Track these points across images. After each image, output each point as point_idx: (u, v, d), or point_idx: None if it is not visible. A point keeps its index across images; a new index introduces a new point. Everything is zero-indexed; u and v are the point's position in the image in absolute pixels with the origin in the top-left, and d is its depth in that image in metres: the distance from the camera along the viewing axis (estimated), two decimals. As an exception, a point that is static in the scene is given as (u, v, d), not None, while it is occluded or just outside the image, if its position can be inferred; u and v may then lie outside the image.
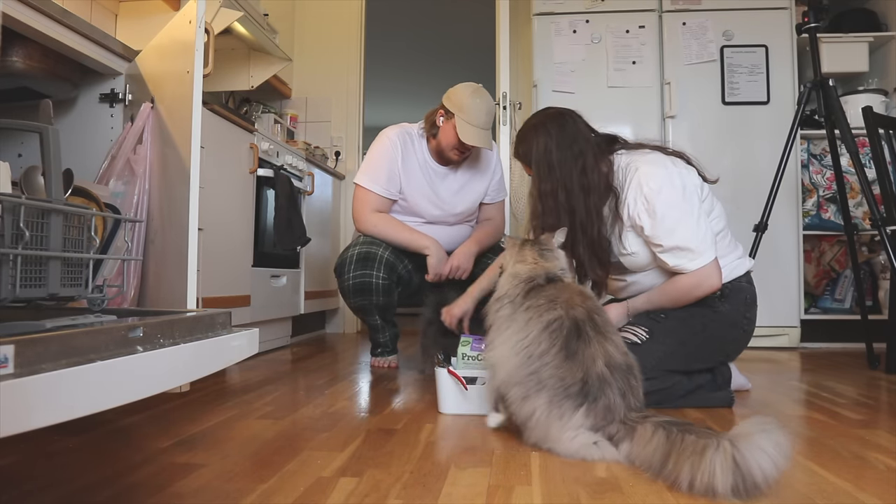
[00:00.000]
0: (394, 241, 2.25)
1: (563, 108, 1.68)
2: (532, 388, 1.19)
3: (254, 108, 3.56)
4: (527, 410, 1.20)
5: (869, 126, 2.34)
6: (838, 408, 1.65)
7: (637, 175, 1.54)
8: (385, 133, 2.31)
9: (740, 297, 1.65)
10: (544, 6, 3.24)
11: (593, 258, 1.57)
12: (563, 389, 1.16)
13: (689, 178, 1.58)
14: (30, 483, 1.03)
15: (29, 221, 1.01)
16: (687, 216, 1.52)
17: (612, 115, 3.18)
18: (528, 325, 1.25)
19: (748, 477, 0.93)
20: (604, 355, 1.19)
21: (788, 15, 3.14)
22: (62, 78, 1.84)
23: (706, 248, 1.52)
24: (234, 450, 1.23)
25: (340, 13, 4.01)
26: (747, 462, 0.93)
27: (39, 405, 0.61)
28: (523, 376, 1.20)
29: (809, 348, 3.05)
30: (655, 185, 1.52)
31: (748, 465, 0.93)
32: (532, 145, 1.60)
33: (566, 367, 1.18)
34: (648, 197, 1.52)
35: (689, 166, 1.64)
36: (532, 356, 1.20)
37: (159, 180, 1.70)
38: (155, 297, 1.64)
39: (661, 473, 1.03)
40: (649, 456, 1.07)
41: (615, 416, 1.16)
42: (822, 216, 3.20)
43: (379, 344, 2.38)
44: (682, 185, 1.54)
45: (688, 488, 0.97)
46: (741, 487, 0.93)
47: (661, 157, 1.60)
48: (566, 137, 1.57)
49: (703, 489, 0.95)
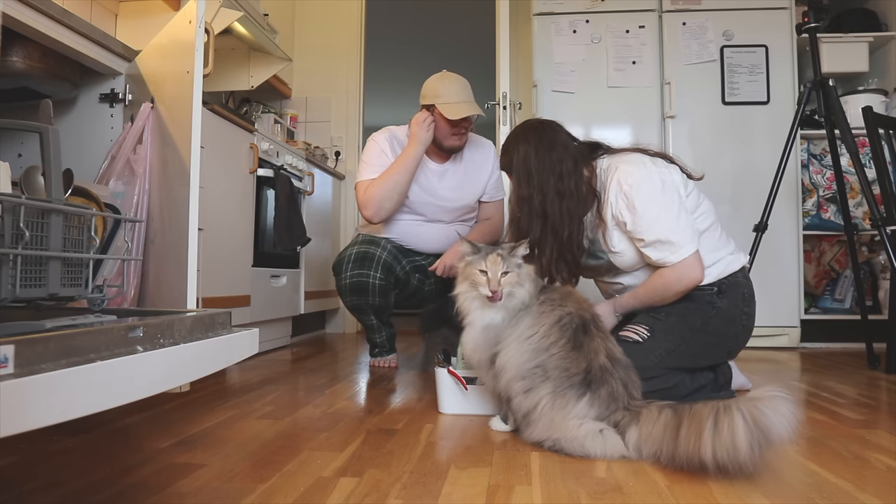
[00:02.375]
0: (396, 185, 2.21)
1: (545, 119, 1.75)
2: (537, 379, 1.22)
3: (254, 108, 3.56)
4: (529, 403, 1.22)
5: (869, 126, 2.34)
6: (838, 408, 1.65)
7: (617, 174, 1.60)
8: (371, 137, 2.38)
9: (738, 292, 1.67)
10: (544, 6, 3.24)
11: (560, 260, 1.62)
12: (567, 379, 1.20)
13: (668, 175, 1.62)
14: (30, 483, 1.03)
15: (29, 221, 1.01)
16: (666, 210, 1.56)
17: (612, 115, 3.19)
18: (541, 318, 1.28)
19: (766, 435, 0.98)
20: (605, 350, 1.25)
21: (788, 15, 3.14)
22: (62, 78, 1.84)
23: (687, 240, 1.56)
24: (234, 450, 1.23)
25: (340, 13, 4.01)
26: (767, 420, 0.98)
27: (40, 405, 0.61)
28: (528, 370, 1.23)
29: (809, 348, 3.05)
30: (634, 181, 1.57)
31: (767, 424, 0.98)
32: (513, 154, 1.67)
33: (571, 358, 1.22)
34: (628, 193, 1.57)
35: (671, 164, 1.68)
36: (539, 349, 1.24)
37: (159, 180, 1.70)
38: (155, 297, 1.64)
39: (676, 447, 1.06)
40: (660, 434, 1.10)
41: (619, 403, 1.20)
42: (822, 216, 3.20)
43: (376, 344, 2.39)
44: (661, 181, 1.59)
45: (711, 453, 1.00)
46: (757, 446, 0.98)
47: (640, 157, 1.64)
48: (545, 145, 1.64)
49: (727, 447, 0.99)
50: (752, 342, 1.77)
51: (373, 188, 2.23)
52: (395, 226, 2.34)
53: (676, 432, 1.07)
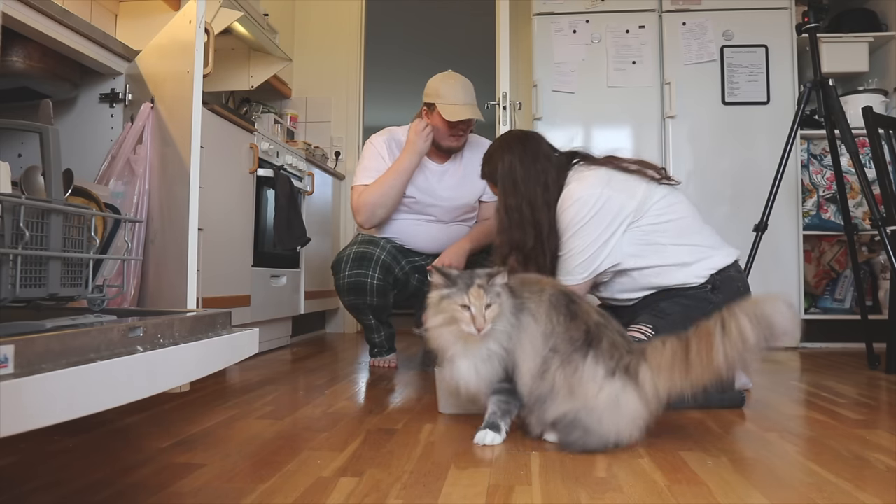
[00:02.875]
0: (390, 191, 2.23)
1: (527, 130, 1.80)
2: (550, 361, 1.23)
3: (254, 108, 3.56)
4: (545, 387, 1.22)
5: (869, 126, 2.34)
6: (838, 408, 1.65)
7: (567, 189, 1.68)
8: (370, 139, 2.39)
9: (732, 286, 1.69)
10: (544, 6, 3.24)
11: (556, 268, 1.69)
12: (571, 345, 1.23)
13: (612, 201, 1.63)
14: (30, 483, 1.03)
15: (29, 221, 1.01)
16: (579, 238, 1.63)
17: (613, 115, 3.19)
18: (538, 309, 1.27)
19: (771, 329, 1.11)
20: (594, 309, 1.31)
21: (788, 15, 3.14)
22: (62, 78, 1.84)
23: (576, 272, 1.66)
24: (234, 450, 1.23)
25: (340, 13, 4.01)
26: (769, 317, 1.12)
27: (39, 405, 0.61)
28: (544, 357, 1.23)
29: (809, 348, 3.05)
30: (570, 201, 1.65)
31: (771, 319, 1.11)
32: (497, 164, 1.72)
33: (573, 327, 1.25)
34: (559, 209, 1.67)
35: (640, 177, 1.68)
36: (546, 334, 1.25)
37: (159, 180, 1.70)
38: (155, 297, 1.64)
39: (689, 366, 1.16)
40: (670, 360, 1.19)
41: (621, 350, 1.24)
42: (822, 216, 3.19)
43: (375, 344, 2.39)
44: (597, 208, 1.62)
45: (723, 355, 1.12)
46: (763, 339, 1.11)
47: (596, 177, 1.66)
48: (529, 156, 1.69)
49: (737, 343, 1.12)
50: (752, 342, 1.76)
51: (366, 194, 2.25)
52: (395, 226, 2.34)
53: (686, 352, 1.16)
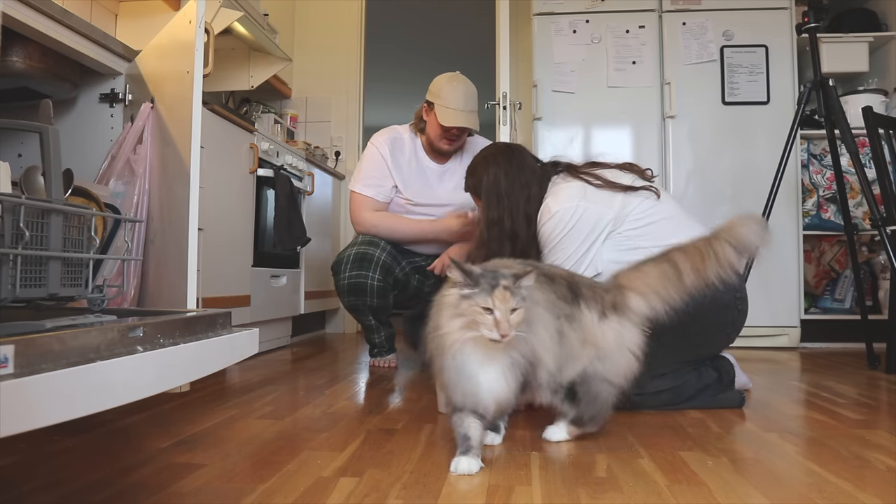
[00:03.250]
0: (394, 234, 2.28)
1: (511, 142, 1.82)
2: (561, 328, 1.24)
3: (254, 108, 3.56)
4: (565, 353, 1.24)
5: (869, 126, 2.34)
6: (838, 408, 1.65)
7: (543, 204, 1.68)
8: (371, 140, 2.38)
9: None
10: (544, 6, 3.24)
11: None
12: (567, 303, 1.27)
13: (589, 213, 1.62)
14: (30, 483, 1.03)
15: (29, 221, 1.01)
16: (559, 251, 1.63)
17: (613, 115, 3.19)
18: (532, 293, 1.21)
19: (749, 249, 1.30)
20: (555, 266, 1.42)
21: (788, 15, 3.13)
22: (62, 78, 1.84)
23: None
24: (234, 450, 1.23)
25: (340, 13, 4.01)
26: (745, 239, 1.29)
27: (39, 405, 0.61)
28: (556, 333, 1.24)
29: (809, 348, 3.05)
30: (547, 215, 1.65)
31: (746, 242, 1.29)
32: (482, 177, 1.73)
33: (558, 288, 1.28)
34: (539, 224, 1.68)
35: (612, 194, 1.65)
36: (549, 308, 1.25)
37: (159, 180, 1.70)
38: (155, 297, 1.64)
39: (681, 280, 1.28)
40: (660, 278, 1.30)
41: (598, 290, 1.32)
42: (822, 216, 3.20)
43: (375, 344, 2.39)
44: (574, 220, 1.61)
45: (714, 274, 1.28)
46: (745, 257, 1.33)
47: (572, 190, 1.65)
48: (513, 168, 1.70)
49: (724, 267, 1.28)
50: (752, 342, 1.77)
51: (374, 219, 2.28)
52: (395, 226, 2.34)
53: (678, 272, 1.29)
